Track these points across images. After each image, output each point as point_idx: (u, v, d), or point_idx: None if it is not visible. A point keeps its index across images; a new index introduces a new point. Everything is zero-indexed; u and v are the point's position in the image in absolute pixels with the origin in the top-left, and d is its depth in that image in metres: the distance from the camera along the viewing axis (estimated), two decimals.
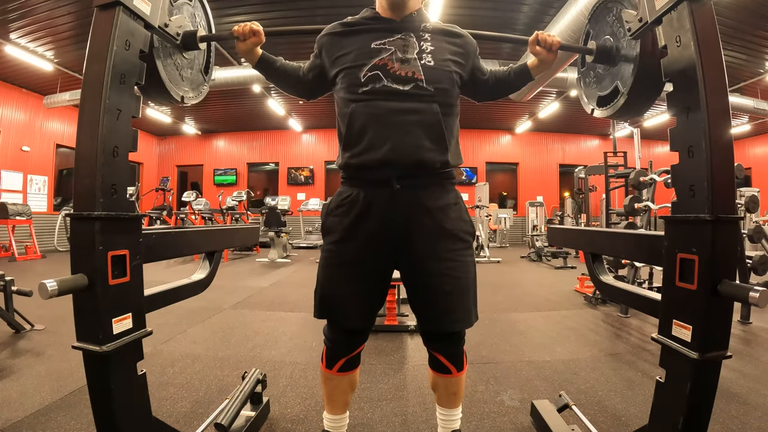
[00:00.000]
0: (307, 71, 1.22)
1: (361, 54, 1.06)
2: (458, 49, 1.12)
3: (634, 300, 1.14)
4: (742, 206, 3.19)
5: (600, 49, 1.19)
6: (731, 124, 0.87)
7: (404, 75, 1.03)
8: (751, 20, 5.20)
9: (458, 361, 1.11)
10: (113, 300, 0.88)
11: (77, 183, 0.87)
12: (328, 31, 1.17)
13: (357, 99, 1.04)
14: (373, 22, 1.12)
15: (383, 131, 1.01)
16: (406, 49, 1.05)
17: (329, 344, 1.14)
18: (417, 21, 1.10)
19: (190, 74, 1.27)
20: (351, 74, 1.06)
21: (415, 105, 1.03)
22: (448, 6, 4.92)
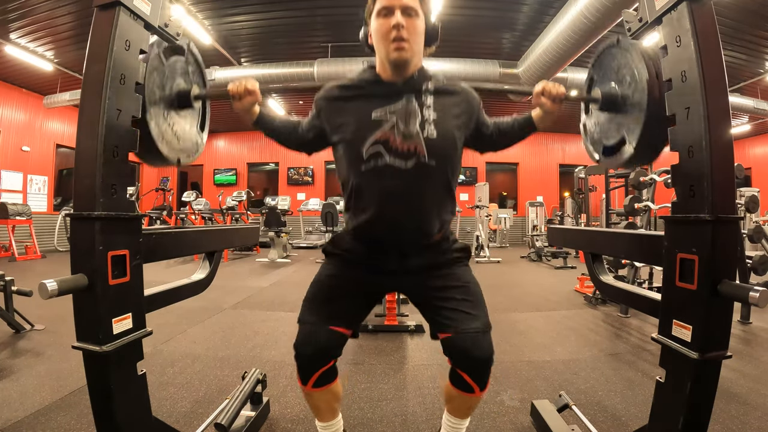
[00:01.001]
0: (306, 130, 1.17)
1: (361, 126, 1.03)
2: (461, 109, 1.10)
3: (634, 300, 1.14)
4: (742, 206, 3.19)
5: (606, 97, 1.16)
6: (731, 124, 0.87)
7: (406, 150, 1.00)
8: (751, 20, 5.20)
9: (484, 381, 1.04)
10: (113, 300, 0.88)
11: (77, 183, 0.87)
12: (327, 94, 1.13)
13: (359, 174, 1.03)
14: (373, 86, 1.08)
15: (385, 209, 1.04)
16: (408, 120, 1.02)
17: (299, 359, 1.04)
18: (419, 81, 1.06)
19: (185, 134, 1.22)
20: (352, 148, 1.03)
21: (417, 182, 1.02)
22: (448, 6, 4.92)
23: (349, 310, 1.09)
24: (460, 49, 6.21)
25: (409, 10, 1.01)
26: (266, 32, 5.98)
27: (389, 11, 1.01)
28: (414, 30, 1.03)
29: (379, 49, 1.05)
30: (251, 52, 6.55)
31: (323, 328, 1.04)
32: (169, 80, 1.12)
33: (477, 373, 1.02)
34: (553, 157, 11.64)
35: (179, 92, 1.15)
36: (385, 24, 1.01)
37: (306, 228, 9.86)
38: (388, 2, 1.01)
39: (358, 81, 1.11)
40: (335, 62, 6.24)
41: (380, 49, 1.05)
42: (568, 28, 4.58)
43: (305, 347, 1.03)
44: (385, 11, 1.02)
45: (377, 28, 1.03)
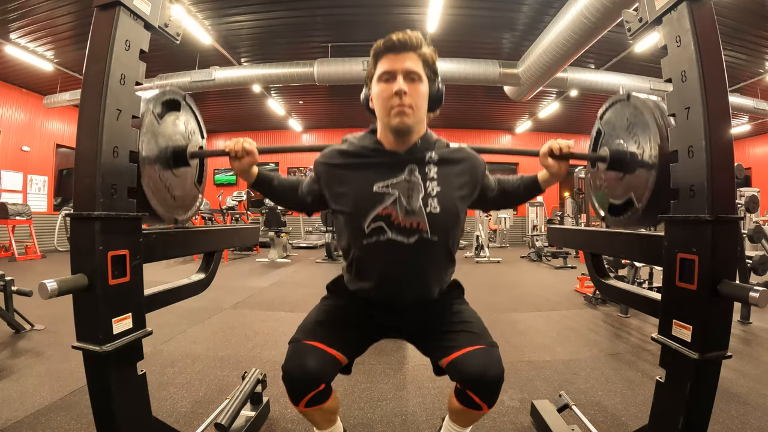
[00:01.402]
0: (306, 193, 1.14)
1: (363, 199, 1.00)
2: (465, 179, 1.07)
3: (634, 300, 1.14)
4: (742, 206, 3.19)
5: (614, 156, 1.13)
6: (731, 124, 0.87)
7: (409, 226, 0.99)
8: (751, 20, 5.20)
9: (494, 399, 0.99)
10: (113, 300, 0.88)
11: (77, 183, 0.87)
12: (327, 160, 1.09)
13: (361, 246, 1.02)
14: (375, 155, 1.04)
15: (386, 280, 1.05)
16: (411, 194, 1.00)
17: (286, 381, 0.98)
18: (422, 150, 1.03)
19: (182, 192, 1.20)
20: (354, 221, 1.01)
21: (419, 255, 1.01)
22: (447, 6, 4.92)
23: (345, 338, 1.06)
24: (460, 49, 6.21)
25: (412, 74, 0.98)
26: (266, 32, 5.97)
27: (391, 76, 0.97)
28: (417, 95, 0.99)
29: (381, 115, 1.01)
30: (251, 52, 6.55)
31: (315, 349, 0.99)
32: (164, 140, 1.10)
33: (488, 392, 0.97)
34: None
35: (175, 151, 1.12)
36: (386, 89, 0.98)
37: (306, 228, 9.86)
38: (390, 66, 0.98)
39: (359, 148, 1.07)
40: (335, 62, 6.24)
41: (381, 116, 1.01)
42: (568, 28, 4.58)
43: (293, 370, 0.97)
44: (387, 76, 0.98)
45: (378, 93, 1.00)
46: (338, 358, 1.02)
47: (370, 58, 1.03)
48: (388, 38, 0.98)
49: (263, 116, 10.01)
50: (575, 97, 8.38)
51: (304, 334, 1.03)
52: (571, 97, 8.37)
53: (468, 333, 1.04)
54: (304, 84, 6.71)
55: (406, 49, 0.98)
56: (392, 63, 0.98)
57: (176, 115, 1.16)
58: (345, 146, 1.09)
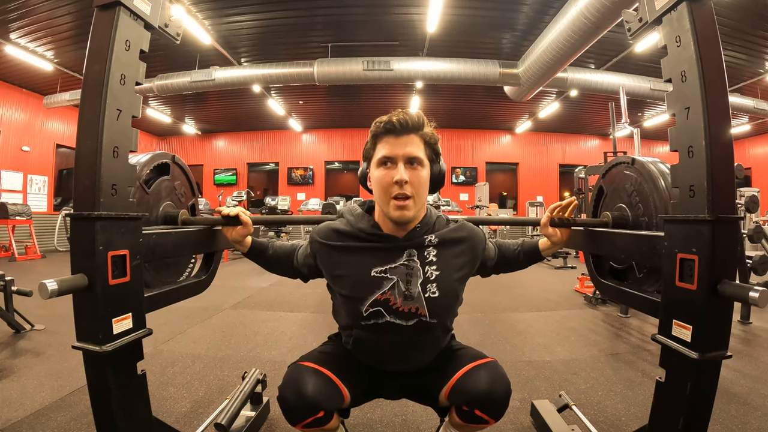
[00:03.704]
0: (301, 265, 1.12)
1: (360, 283, 0.98)
2: (465, 259, 1.05)
3: (634, 300, 1.14)
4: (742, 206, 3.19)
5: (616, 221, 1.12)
6: (731, 124, 0.87)
7: (407, 311, 0.97)
8: (751, 20, 5.20)
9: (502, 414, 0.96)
10: (113, 300, 0.88)
11: (77, 183, 0.87)
12: (323, 239, 1.04)
13: (359, 327, 1.01)
14: (372, 238, 1.00)
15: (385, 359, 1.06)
16: (410, 280, 0.97)
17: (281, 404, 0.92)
18: (421, 234, 1.00)
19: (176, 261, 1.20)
20: (351, 304, 0.99)
21: (418, 336, 1.00)
22: (447, 6, 4.92)
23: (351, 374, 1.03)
24: (460, 49, 6.22)
25: (413, 160, 0.94)
26: (266, 32, 5.97)
27: (392, 161, 0.93)
28: (418, 183, 0.95)
29: (380, 202, 0.98)
30: (251, 52, 6.55)
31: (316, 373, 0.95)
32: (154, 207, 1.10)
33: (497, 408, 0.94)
34: (553, 157, 11.65)
35: (166, 219, 1.12)
36: (387, 176, 0.93)
37: (306, 228, 9.85)
38: (390, 152, 0.93)
39: (355, 230, 1.02)
40: (335, 62, 6.24)
41: (381, 203, 0.97)
42: (568, 28, 4.58)
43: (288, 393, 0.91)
44: (387, 161, 0.94)
45: (378, 179, 0.95)
46: (340, 386, 0.97)
47: (369, 138, 0.98)
48: (389, 120, 0.93)
49: (263, 116, 10.01)
50: (575, 97, 8.38)
51: (304, 358, 1.02)
52: (571, 97, 8.37)
53: (463, 355, 1.03)
54: (304, 84, 6.72)
55: (407, 131, 0.94)
56: (393, 148, 0.93)
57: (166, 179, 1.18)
58: (341, 225, 1.04)
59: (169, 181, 1.19)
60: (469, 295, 1.19)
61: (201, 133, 11.53)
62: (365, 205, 1.08)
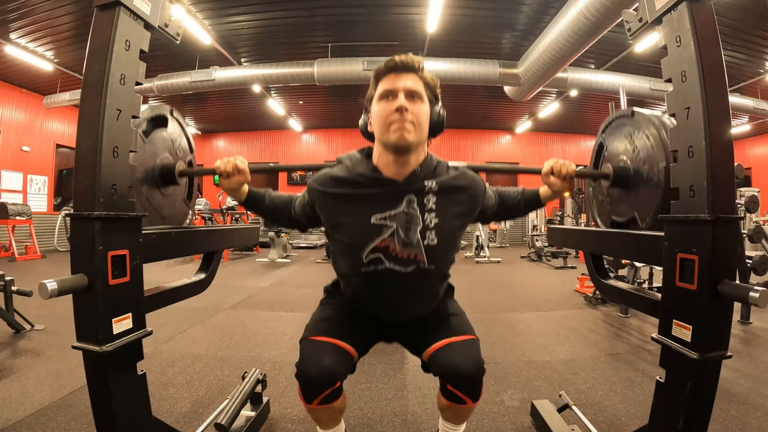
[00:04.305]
0: (299, 214, 1.13)
1: (360, 230, 0.99)
2: (464, 207, 1.06)
3: (634, 300, 1.14)
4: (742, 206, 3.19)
5: (617, 173, 1.12)
6: (731, 124, 0.87)
7: (406, 258, 0.99)
8: (751, 20, 5.20)
9: (477, 393, 1.00)
10: (113, 300, 0.88)
11: (77, 183, 0.87)
12: (321, 186, 1.05)
13: (359, 275, 1.02)
14: (372, 183, 1.00)
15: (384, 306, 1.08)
16: (409, 227, 0.98)
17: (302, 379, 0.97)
18: (421, 178, 1.00)
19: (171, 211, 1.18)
20: (351, 251, 1.01)
21: (416, 283, 1.02)
22: (447, 6, 4.92)
23: (353, 332, 1.07)
24: (460, 49, 6.22)
25: (413, 93, 0.96)
26: (266, 32, 5.98)
27: (392, 94, 0.95)
28: (418, 114, 0.96)
29: (380, 133, 0.98)
30: (251, 52, 6.55)
31: (330, 346, 0.99)
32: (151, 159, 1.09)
33: (467, 386, 0.98)
34: (553, 156, 11.62)
35: (163, 170, 1.11)
36: (387, 107, 0.95)
37: None
38: (391, 85, 0.96)
39: (355, 176, 1.02)
40: (335, 62, 6.24)
41: (381, 133, 0.98)
42: (568, 28, 4.58)
43: (310, 368, 0.95)
44: (388, 94, 0.96)
45: (378, 112, 0.97)
46: (351, 352, 1.02)
47: (371, 80, 1.00)
48: (390, 59, 0.97)
49: (263, 116, 10.01)
50: (575, 97, 8.38)
51: (314, 332, 1.03)
52: (571, 97, 8.37)
53: (448, 326, 1.05)
54: (304, 84, 6.72)
55: (407, 70, 0.97)
56: (393, 82, 0.96)
57: (164, 131, 1.15)
58: (340, 171, 1.04)
59: (166, 135, 1.17)
60: (469, 295, 1.20)
61: (201, 133, 11.52)
62: (364, 151, 1.08)
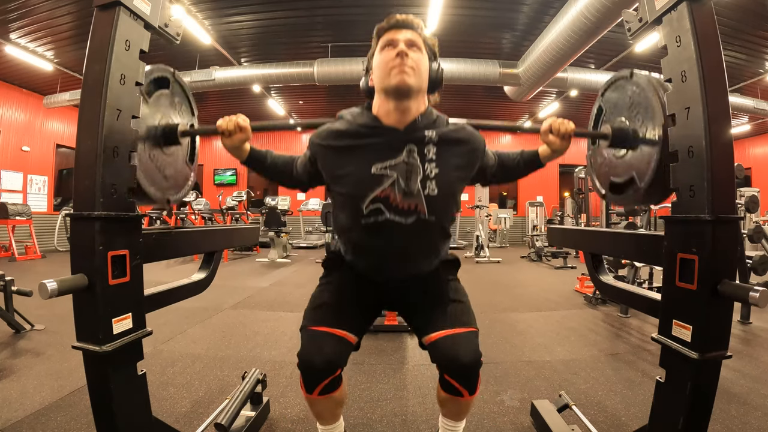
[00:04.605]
0: (301, 171, 1.14)
1: (361, 181, 1.00)
2: (464, 159, 1.07)
3: (634, 300, 1.14)
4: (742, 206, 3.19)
5: (616, 133, 1.12)
6: (731, 124, 0.87)
7: (407, 208, 0.99)
8: (751, 20, 5.19)
9: (473, 385, 1.02)
10: (113, 300, 0.88)
11: (77, 183, 0.87)
12: (321, 140, 1.06)
13: (359, 227, 1.02)
14: (372, 133, 1.02)
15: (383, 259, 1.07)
16: (409, 177, 0.99)
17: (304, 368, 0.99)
18: (422, 129, 1.02)
19: (174, 171, 1.18)
20: (351, 202, 1.02)
21: (416, 235, 1.02)
22: (448, 6, 4.91)
23: (352, 317, 1.07)
24: (460, 49, 6.21)
25: (413, 43, 0.99)
26: (266, 32, 5.97)
27: (393, 44, 0.99)
28: (418, 62, 0.99)
29: (380, 80, 1.00)
30: (251, 52, 6.55)
31: (330, 336, 1.00)
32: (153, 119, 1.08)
33: (464, 378, 0.99)
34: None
35: (165, 130, 1.11)
36: (388, 55, 0.98)
37: (306, 228, 9.86)
38: (392, 36, 1.00)
39: (356, 127, 1.04)
40: (335, 62, 6.24)
41: (381, 80, 0.99)
42: (568, 28, 4.58)
43: (312, 356, 0.97)
44: (389, 43, 0.99)
45: (379, 61, 1.00)
46: (350, 339, 1.03)
47: (373, 38, 1.04)
48: (391, 16, 1.02)
49: (263, 116, 10.00)
50: (575, 97, 8.38)
51: (313, 321, 1.04)
52: (571, 97, 8.37)
53: (451, 314, 1.05)
54: (304, 84, 6.71)
55: (407, 26, 1.01)
56: (394, 35, 1.00)
57: (165, 93, 1.14)
58: (341, 125, 1.06)
59: (169, 95, 1.16)
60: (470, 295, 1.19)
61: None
62: (365, 105, 1.09)
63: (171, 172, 1.17)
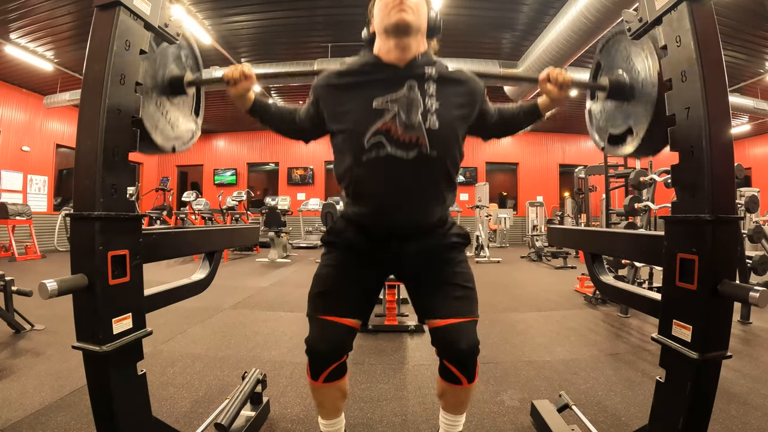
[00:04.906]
0: (303, 118, 1.15)
1: (362, 116, 1.01)
2: (464, 99, 1.08)
3: (634, 300, 1.14)
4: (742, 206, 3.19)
5: (613, 85, 1.14)
6: (731, 124, 0.87)
7: (408, 141, 0.99)
8: (751, 20, 5.20)
9: (471, 373, 1.05)
10: (113, 300, 0.88)
11: (77, 183, 0.87)
12: (324, 81, 1.10)
13: (360, 164, 1.02)
14: (374, 70, 1.05)
15: (386, 201, 1.04)
16: (410, 110, 1.00)
17: (312, 354, 1.04)
18: (421, 67, 1.04)
19: (180, 121, 1.20)
20: (353, 138, 1.02)
21: (419, 173, 1.02)
22: (448, 6, 4.92)
23: (358, 299, 1.09)
24: (460, 49, 6.21)
25: None
26: (266, 32, 5.98)
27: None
28: (417, 4, 1.01)
29: (381, 19, 1.02)
30: (251, 52, 6.55)
31: (336, 323, 1.03)
32: (160, 67, 1.10)
33: (463, 364, 1.03)
34: (553, 157, 11.64)
35: (172, 79, 1.13)
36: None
37: (306, 228, 9.86)
38: None
39: (357, 66, 1.07)
40: (335, 62, 6.23)
41: (381, 19, 1.02)
42: (568, 28, 4.58)
43: (319, 343, 1.02)
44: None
45: (380, 5, 1.03)
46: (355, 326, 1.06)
47: None
48: None
49: None
50: (575, 97, 8.37)
51: (320, 309, 1.05)
52: (571, 97, 8.36)
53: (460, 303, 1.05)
54: (304, 84, 6.71)
55: None
56: None
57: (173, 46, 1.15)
58: (342, 67, 1.09)
59: (176, 48, 1.18)
60: None
61: (201, 132, 11.50)
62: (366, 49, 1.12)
63: (176, 122, 1.19)
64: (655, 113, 1.01)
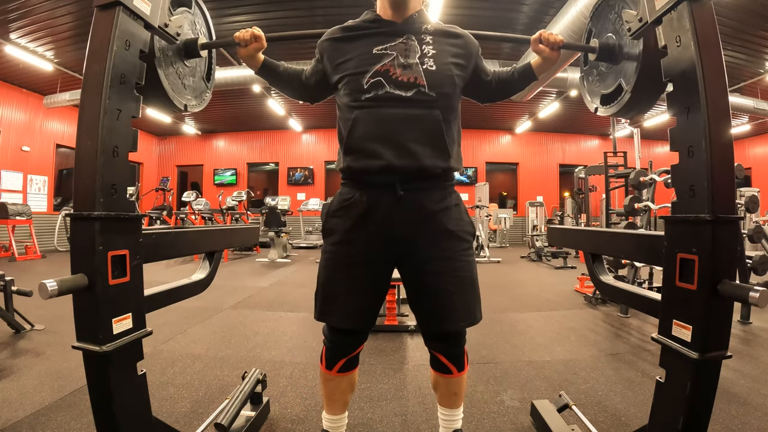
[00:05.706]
0: (309, 76, 1.21)
1: (363, 60, 1.06)
2: (460, 50, 1.12)
3: (634, 300, 1.14)
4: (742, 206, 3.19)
5: (603, 47, 1.19)
6: (731, 124, 0.86)
7: (406, 81, 1.03)
8: (751, 20, 5.20)
9: (459, 362, 1.11)
10: (113, 300, 0.88)
11: (77, 183, 0.87)
12: (329, 36, 1.17)
13: (360, 105, 1.05)
14: (375, 25, 1.11)
15: (386, 139, 1.03)
16: (408, 54, 1.06)
17: (329, 345, 1.13)
18: (418, 22, 1.10)
19: (192, 82, 1.27)
20: (353, 81, 1.06)
21: (418, 111, 1.03)
22: (447, 6, 4.92)
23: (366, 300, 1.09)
24: None
25: None
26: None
27: None
28: None
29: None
30: None
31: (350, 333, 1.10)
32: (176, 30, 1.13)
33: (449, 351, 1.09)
34: (553, 157, 11.65)
35: (186, 42, 1.18)
36: None
37: (306, 228, 9.86)
38: None
39: (359, 23, 1.15)
40: None
41: None
42: (568, 28, 4.57)
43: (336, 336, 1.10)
44: None
45: None
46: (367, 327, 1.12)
47: None
48: None
49: (263, 116, 10.00)
50: (575, 97, 8.38)
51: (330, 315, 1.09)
52: (571, 97, 8.37)
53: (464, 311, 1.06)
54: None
55: None
56: None
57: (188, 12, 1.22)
58: (346, 24, 1.17)
59: (191, 15, 1.24)
60: None
61: (201, 133, 11.52)
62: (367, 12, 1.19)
63: (189, 82, 1.26)
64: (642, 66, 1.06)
